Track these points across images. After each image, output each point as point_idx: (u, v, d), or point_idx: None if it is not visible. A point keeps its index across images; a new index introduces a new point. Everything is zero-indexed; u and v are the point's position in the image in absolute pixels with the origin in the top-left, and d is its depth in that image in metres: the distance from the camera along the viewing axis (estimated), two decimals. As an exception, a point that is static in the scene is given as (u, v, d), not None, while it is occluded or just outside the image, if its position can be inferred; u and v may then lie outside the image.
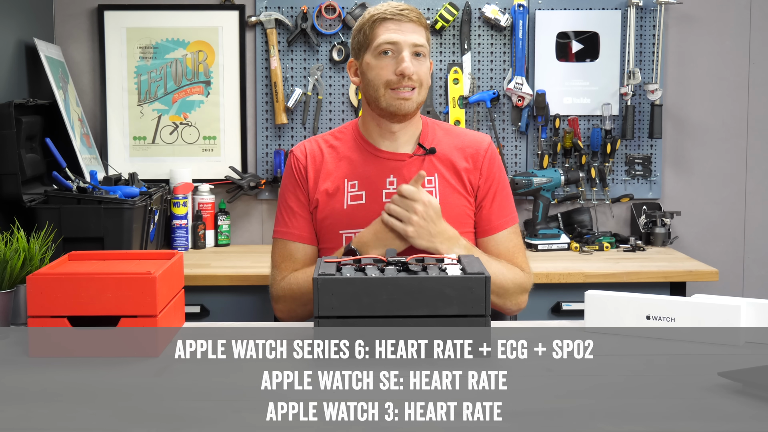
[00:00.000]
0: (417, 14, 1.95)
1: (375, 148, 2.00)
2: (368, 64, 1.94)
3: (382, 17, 1.94)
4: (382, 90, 1.92)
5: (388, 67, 1.92)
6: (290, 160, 2.05)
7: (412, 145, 2.00)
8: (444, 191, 1.97)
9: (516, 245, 2.03)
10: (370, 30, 1.94)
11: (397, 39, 1.91)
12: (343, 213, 1.96)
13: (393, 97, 1.92)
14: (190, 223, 3.01)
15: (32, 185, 2.57)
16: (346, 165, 2.00)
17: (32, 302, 1.53)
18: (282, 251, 2.02)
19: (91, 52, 3.11)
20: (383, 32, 1.93)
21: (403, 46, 1.91)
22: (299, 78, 3.10)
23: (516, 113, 3.11)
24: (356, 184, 1.98)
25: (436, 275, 1.51)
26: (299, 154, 2.05)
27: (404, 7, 1.94)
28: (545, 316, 2.64)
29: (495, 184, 2.02)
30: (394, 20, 1.93)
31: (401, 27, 1.92)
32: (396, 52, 1.92)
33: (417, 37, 1.92)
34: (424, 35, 1.95)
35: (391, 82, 1.91)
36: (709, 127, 3.18)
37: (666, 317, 1.60)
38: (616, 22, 3.11)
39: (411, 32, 1.92)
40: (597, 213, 3.17)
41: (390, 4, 1.96)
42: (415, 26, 1.93)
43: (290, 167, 2.05)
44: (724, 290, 2.89)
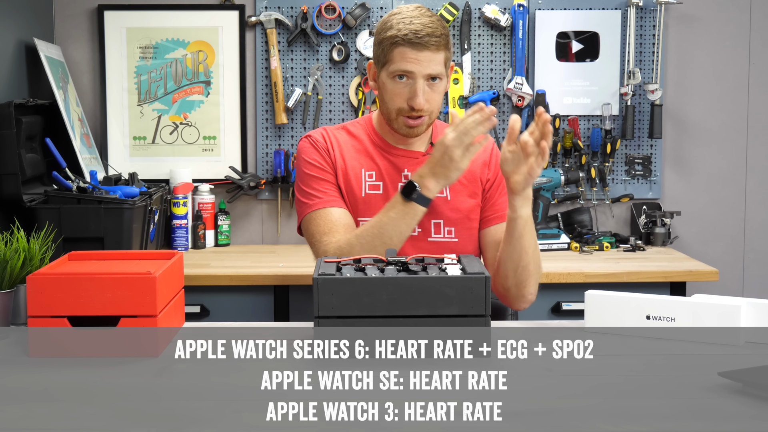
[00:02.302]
0: (437, 38, 1.87)
1: (389, 146, 2.01)
2: (384, 84, 1.93)
3: (400, 41, 1.87)
4: (394, 114, 1.92)
5: (402, 95, 1.89)
6: (309, 141, 2.01)
7: (426, 144, 2.02)
8: (454, 187, 1.98)
9: None
10: (388, 50, 1.89)
11: (412, 69, 1.87)
12: (361, 200, 1.97)
13: (403, 124, 1.92)
14: (190, 223, 3.01)
15: (32, 185, 2.57)
16: (364, 157, 2.00)
17: (32, 302, 1.53)
18: (328, 219, 1.94)
19: (91, 52, 3.11)
20: (399, 59, 1.88)
21: (417, 76, 1.87)
22: (299, 78, 3.10)
23: (516, 113, 3.11)
24: (373, 174, 1.99)
25: (436, 275, 1.51)
26: (318, 137, 2.02)
27: (425, 31, 1.86)
28: (545, 316, 2.64)
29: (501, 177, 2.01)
30: (412, 48, 1.86)
31: (418, 57, 1.87)
32: (411, 79, 1.88)
33: (434, 67, 1.87)
34: (443, 58, 1.89)
35: (403, 110, 1.90)
36: (709, 127, 3.18)
37: (666, 317, 1.60)
38: (616, 22, 3.11)
39: (428, 62, 1.87)
40: (597, 213, 3.17)
41: (412, 22, 1.87)
42: (433, 54, 1.87)
43: (311, 145, 2.00)
44: (724, 290, 2.89)
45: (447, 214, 1.98)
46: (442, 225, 1.98)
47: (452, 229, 1.98)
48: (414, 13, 1.90)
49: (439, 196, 1.96)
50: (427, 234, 1.98)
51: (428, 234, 1.98)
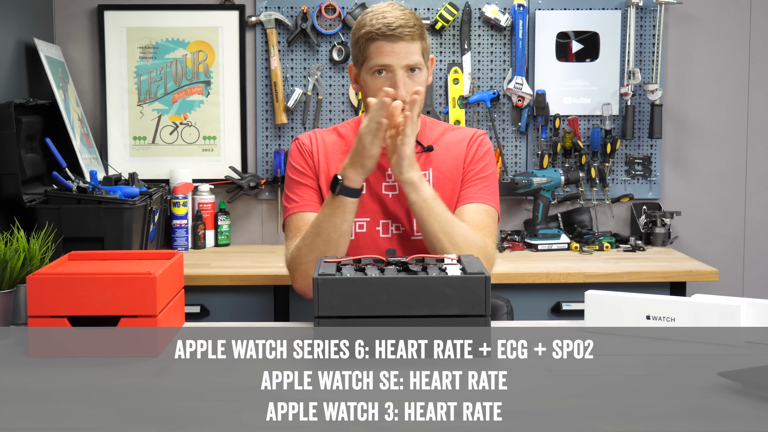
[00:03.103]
0: (410, 28, 1.89)
1: None
2: (365, 81, 1.94)
3: (374, 36, 1.89)
4: None
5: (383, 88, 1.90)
6: (296, 144, 2.06)
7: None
8: (438, 184, 1.99)
9: (483, 221, 1.97)
10: (364, 47, 1.91)
11: (389, 63, 1.89)
12: None
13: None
14: (190, 223, 3.01)
15: (32, 185, 2.57)
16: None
17: (32, 302, 1.53)
18: (296, 224, 1.99)
19: (91, 52, 3.11)
20: (376, 54, 1.89)
21: (396, 68, 1.89)
22: (299, 78, 3.10)
23: (516, 113, 3.11)
24: None
25: (436, 275, 1.51)
26: (305, 140, 2.06)
27: (398, 23, 1.88)
28: (545, 316, 2.64)
29: (477, 164, 2.01)
30: (387, 41, 1.88)
31: (394, 49, 1.88)
32: (390, 72, 1.90)
33: (411, 57, 1.89)
34: (420, 48, 1.91)
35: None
36: (709, 127, 3.18)
37: (666, 317, 1.60)
38: (616, 22, 3.11)
39: (404, 52, 1.88)
40: (597, 213, 3.17)
41: (385, 17, 1.89)
42: (408, 44, 1.88)
43: (297, 149, 2.05)
44: (724, 290, 2.89)
45: None
46: None
47: None
48: (386, 9, 1.92)
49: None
50: (410, 233, 1.98)
51: (411, 233, 1.98)
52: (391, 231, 1.99)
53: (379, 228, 1.98)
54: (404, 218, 1.99)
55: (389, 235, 1.98)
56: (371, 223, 1.98)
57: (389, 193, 2.00)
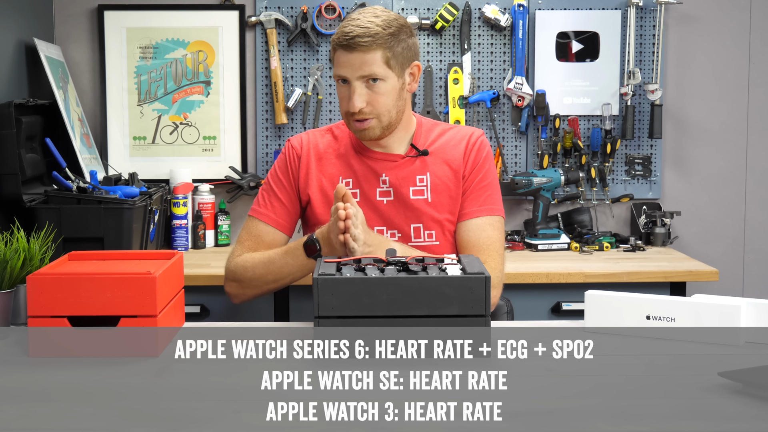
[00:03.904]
0: (369, 37, 1.83)
1: (366, 149, 2.00)
2: (337, 89, 1.95)
3: (335, 44, 1.88)
4: (346, 118, 1.93)
5: (345, 98, 1.90)
6: (286, 148, 2.06)
7: (405, 146, 2.01)
8: (435, 188, 1.97)
9: (489, 237, 1.95)
10: (332, 55, 1.91)
11: (344, 74, 1.87)
12: None
13: (355, 127, 1.93)
14: (190, 223, 3.01)
15: (32, 185, 2.57)
16: (342, 162, 2.00)
17: (32, 302, 1.53)
18: (252, 229, 2.03)
19: (91, 52, 3.11)
20: (336, 64, 1.89)
21: (351, 78, 1.86)
22: (299, 78, 3.10)
23: (516, 113, 3.11)
24: (351, 182, 1.99)
25: (436, 275, 1.51)
26: (296, 144, 2.05)
27: (356, 32, 1.83)
28: (545, 316, 2.64)
29: (477, 172, 1.99)
30: (344, 50, 1.86)
31: (349, 59, 1.85)
32: (349, 83, 1.88)
33: (366, 68, 1.84)
34: (380, 58, 1.85)
35: (349, 113, 1.90)
36: (709, 127, 3.18)
37: (666, 317, 1.60)
38: (616, 22, 3.11)
39: (359, 63, 1.84)
40: (597, 213, 3.17)
41: (348, 25, 1.86)
42: (363, 54, 1.84)
43: (284, 154, 2.06)
44: (724, 290, 2.89)
45: (427, 217, 1.96)
46: (422, 229, 1.97)
47: (432, 233, 1.97)
48: (358, 16, 1.88)
49: (419, 199, 1.96)
50: (407, 239, 1.97)
51: (408, 239, 1.97)
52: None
53: None
54: (401, 223, 1.97)
55: None
56: None
57: (384, 199, 1.98)
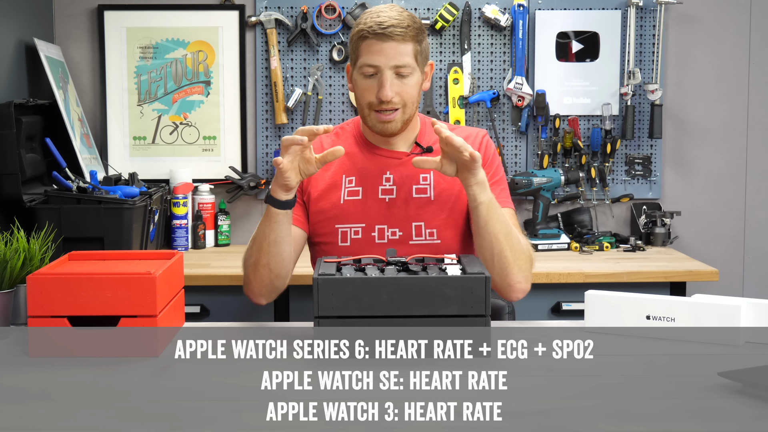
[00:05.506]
0: (403, 28, 1.86)
1: (372, 146, 2.00)
2: (355, 81, 1.93)
3: (366, 34, 1.88)
4: (367, 110, 1.92)
5: (371, 89, 1.89)
6: None
7: (409, 144, 2.01)
8: (439, 186, 1.98)
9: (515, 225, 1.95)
10: (357, 45, 1.90)
11: (377, 63, 1.87)
12: (340, 207, 1.96)
13: (377, 119, 1.92)
14: (190, 223, 3.01)
15: (32, 185, 2.57)
16: (345, 160, 2.00)
17: (32, 302, 1.53)
18: None
19: (91, 52, 3.11)
20: (365, 53, 1.88)
21: (383, 69, 1.87)
22: (299, 78, 3.10)
23: (516, 113, 3.12)
24: (354, 179, 1.99)
25: (436, 275, 1.51)
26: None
27: (390, 22, 1.86)
28: (545, 316, 2.64)
29: (487, 169, 1.98)
30: (377, 39, 1.86)
31: (383, 48, 1.86)
32: (378, 74, 1.88)
33: (400, 58, 1.86)
34: (412, 50, 1.88)
35: (374, 104, 1.90)
36: (709, 127, 3.18)
37: (666, 317, 1.60)
38: (616, 22, 3.11)
39: (393, 53, 1.86)
40: (597, 213, 3.17)
41: (379, 16, 1.88)
42: (398, 44, 1.86)
43: None
44: (724, 290, 2.89)
45: (429, 215, 1.96)
46: (423, 227, 1.96)
47: (434, 231, 1.97)
48: (384, 9, 1.91)
49: (422, 197, 1.96)
50: (408, 237, 1.97)
51: (409, 237, 1.97)
52: (387, 236, 1.96)
53: (374, 233, 1.96)
54: (403, 222, 1.96)
55: (385, 240, 1.96)
56: (366, 228, 1.96)
57: (386, 197, 1.98)
